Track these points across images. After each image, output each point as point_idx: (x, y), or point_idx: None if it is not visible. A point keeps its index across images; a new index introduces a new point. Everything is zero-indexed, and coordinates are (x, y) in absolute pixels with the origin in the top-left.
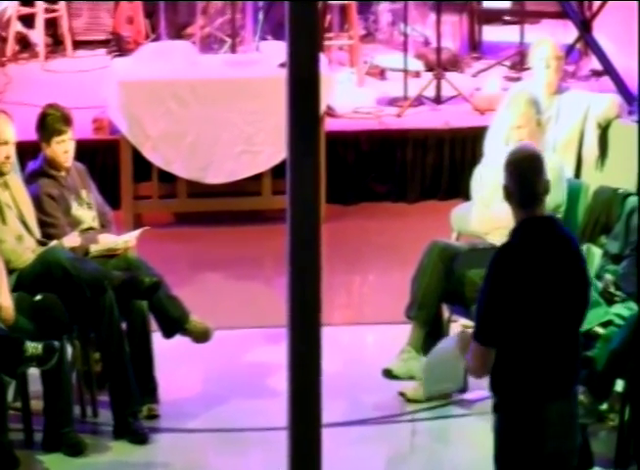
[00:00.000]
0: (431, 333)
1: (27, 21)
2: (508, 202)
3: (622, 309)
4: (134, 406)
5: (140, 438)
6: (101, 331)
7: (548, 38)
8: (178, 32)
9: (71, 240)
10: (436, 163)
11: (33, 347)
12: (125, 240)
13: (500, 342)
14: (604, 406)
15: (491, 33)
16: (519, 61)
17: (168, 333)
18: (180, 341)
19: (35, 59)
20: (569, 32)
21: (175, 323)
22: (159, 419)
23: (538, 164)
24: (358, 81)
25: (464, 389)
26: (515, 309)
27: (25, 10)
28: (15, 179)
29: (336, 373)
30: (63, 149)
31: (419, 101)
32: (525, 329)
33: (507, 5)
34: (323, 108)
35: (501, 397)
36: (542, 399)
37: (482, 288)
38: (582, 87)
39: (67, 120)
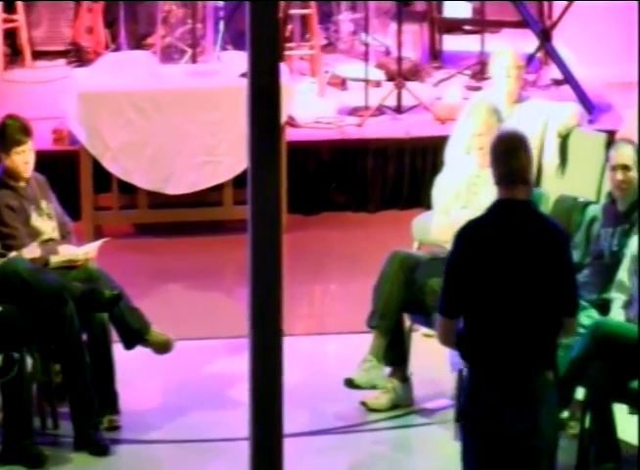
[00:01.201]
0: (392, 342)
1: None
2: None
3: (583, 318)
4: (95, 418)
5: (101, 449)
6: (61, 342)
7: (508, 48)
8: (138, 42)
9: (31, 251)
10: (397, 172)
11: None
12: (86, 251)
13: (460, 314)
14: (565, 414)
15: (452, 43)
16: (479, 70)
17: (129, 344)
18: (141, 352)
19: None
20: (529, 41)
21: (136, 334)
22: (119, 430)
23: (514, 147)
24: (319, 91)
25: None
26: (471, 283)
27: None
28: None
29: (297, 383)
30: (22, 159)
31: (380, 110)
32: (482, 303)
33: (467, 14)
34: (284, 118)
35: (467, 365)
36: (495, 376)
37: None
38: (543, 96)
39: (26, 131)
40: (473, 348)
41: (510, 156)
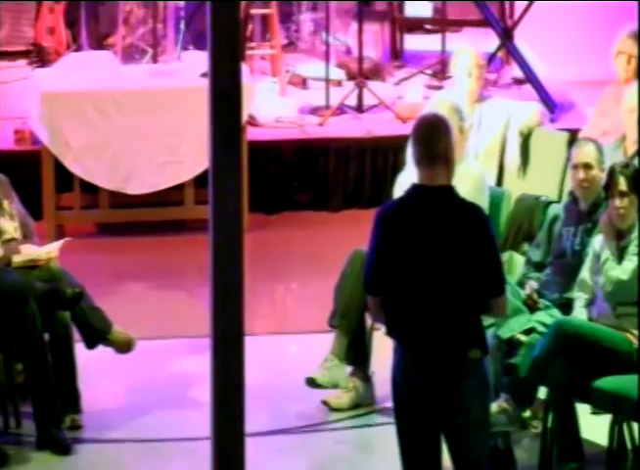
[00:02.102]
0: (353, 342)
1: None
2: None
3: (545, 317)
4: (57, 417)
5: (63, 448)
6: (23, 342)
7: (469, 47)
8: (99, 42)
9: None
10: (359, 171)
11: None
12: (48, 251)
13: (381, 292)
14: (527, 414)
15: (413, 42)
16: (440, 69)
17: (91, 343)
18: (103, 351)
19: None
20: (490, 41)
21: (98, 334)
22: (82, 430)
23: (437, 128)
24: (280, 91)
25: None
26: (392, 264)
27: None
28: None
29: (259, 383)
30: None
31: (341, 110)
32: (403, 283)
33: (428, 14)
34: (245, 117)
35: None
36: (413, 352)
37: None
38: (504, 95)
39: None
40: (395, 325)
41: (432, 135)
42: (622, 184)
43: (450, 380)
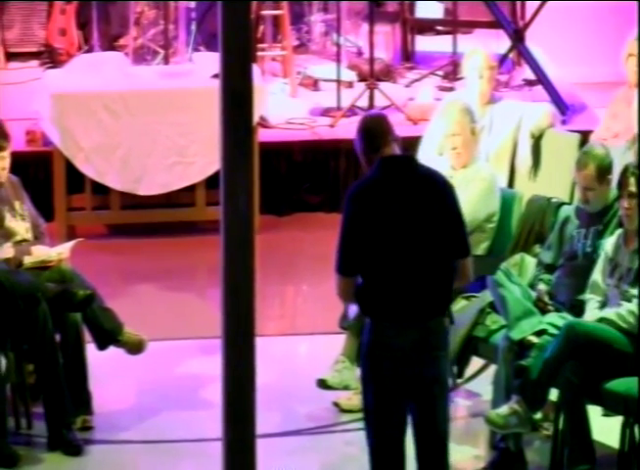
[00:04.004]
0: None
1: None
2: (367, 164)
3: (556, 318)
4: (68, 418)
5: (74, 449)
6: (34, 343)
7: (481, 48)
8: (111, 44)
9: (5, 252)
10: None
11: None
12: (59, 252)
13: (356, 271)
14: (538, 416)
15: (424, 43)
16: (452, 71)
17: (102, 345)
18: (114, 352)
19: None
20: (501, 42)
21: (109, 335)
22: (92, 431)
23: (380, 120)
24: (291, 92)
25: None
26: (362, 240)
27: None
28: None
29: (270, 384)
30: (0, 165)
31: (352, 111)
32: (378, 258)
33: (439, 15)
34: (256, 118)
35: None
36: (394, 325)
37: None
38: (515, 97)
39: (6, 136)
40: (373, 301)
41: (381, 124)
42: (632, 185)
43: (430, 348)
